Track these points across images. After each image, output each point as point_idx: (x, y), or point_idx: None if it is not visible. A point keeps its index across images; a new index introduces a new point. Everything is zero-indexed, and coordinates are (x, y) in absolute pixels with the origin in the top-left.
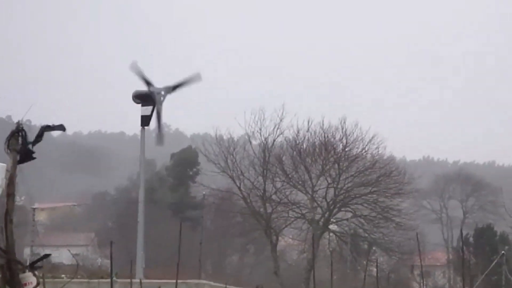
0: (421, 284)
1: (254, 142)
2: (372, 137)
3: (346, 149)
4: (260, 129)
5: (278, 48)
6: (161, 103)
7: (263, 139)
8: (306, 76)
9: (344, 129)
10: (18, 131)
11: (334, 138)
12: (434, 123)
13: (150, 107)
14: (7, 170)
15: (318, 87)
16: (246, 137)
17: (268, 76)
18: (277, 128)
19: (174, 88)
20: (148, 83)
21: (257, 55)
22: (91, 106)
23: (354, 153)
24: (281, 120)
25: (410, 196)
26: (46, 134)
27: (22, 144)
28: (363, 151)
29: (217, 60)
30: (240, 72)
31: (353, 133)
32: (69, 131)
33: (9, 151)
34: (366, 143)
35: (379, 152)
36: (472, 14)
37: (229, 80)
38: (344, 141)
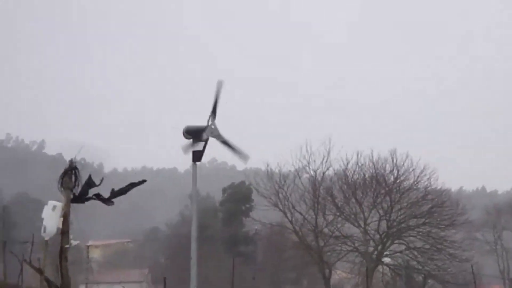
0: None
1: (303, 176)
2: (423, 168)
3: (398, 181)
4: (309, 163)
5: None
6: (219, 133)
7: (312, 172)
8: (353, 105)
9: (394, 161)
10: (72, 170)
11: (385, 170)
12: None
13: (202, 143)
14: (62, 209)
15: (364, 115)
16: (295, 172)
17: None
18: (326, 161)
19: (224, 143)
20: (214, 111)
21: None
22: (143, 143)
23: (406, 185)
24: (328, 154)
25: (464, 227)
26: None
27: (85, 185)
28: (415, 182)
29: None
30: (285, 107)
31: (403, 164)
32: (120, 167)
33: (62, 190)
34: (417, 174)
35: (431, 183)
36: None
37: (276, 115)
38: (395, 173)
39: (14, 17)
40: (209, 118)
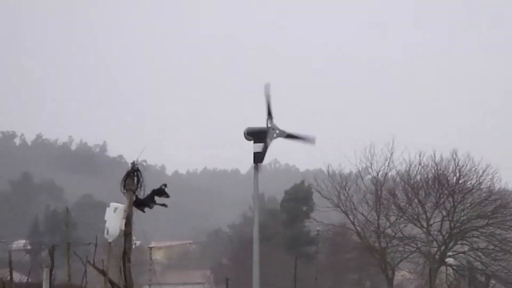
0: None
1: (366, 177)
2: (486, 168)
3: (460, 181)
4: (371, 164)
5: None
6: (271, 139)
7: (374, 173)
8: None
9: (456, 161)
10: (134, 171)
11: (448, 171)
12: None
13: (262, 144)
14: (124, 211)
15: (428, 117)
16: (358, 172)
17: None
18: (388, 162)
19: (288, 136)
20: (269, 113)
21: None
22: (204, 145)
23: (468, 185)
24: (391, 154)
25: None
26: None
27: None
28: (477, 182)
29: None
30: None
31: (466, 164)
32: (183, 170)
33: (125, 191)
34: (480, 174)
35: (494, 183)
36: None
37: (338, 115)
38: (458, 173)
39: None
40: (267, 120)
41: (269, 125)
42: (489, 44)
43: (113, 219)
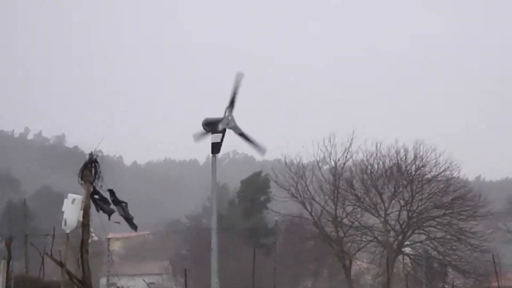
0: None
1: (324, 167)
2: (446, 160)
3: (419, 171)
4: (330, 154)
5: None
6: (236, 125)
7: (333, 163)
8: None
9: (418, 151)
10: (91, 162)
11: (407, 160)
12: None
13: (220, 135)
14: (82, 202)
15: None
16: (316, 163)
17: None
18: (347, 152)
19: (241, 135)
20: (232, 103)
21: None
22: (163, 135)
23: (428, 175)
24: (350, 145)
25: (485, 219)
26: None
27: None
28: (437, 173)
29: (287, 88)
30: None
31: (426, 155)
32: (142, 160)
33: (83, 183)
34: (439, 165)
35: (453, 174)
36: None
37: (300, 106)
38: (418, 163)
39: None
40: (226, 109)
41: (226, 114)
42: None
43: (71, 210)
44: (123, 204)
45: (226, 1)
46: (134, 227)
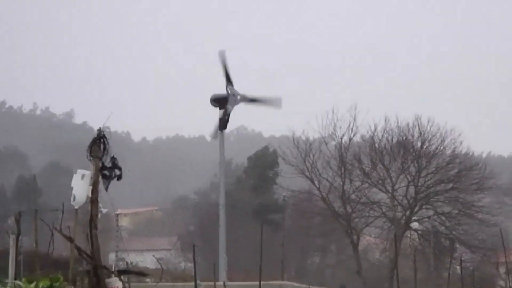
0: (507, 281)
1: (330, 143)
2: (450, 132)
3: (424, 146)
4: (334, 129)
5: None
6: (233, 105)
7: (338, 139)
8: (382, 74)
9: (420, 126)
10: (100, 138)
11: (412, 136)
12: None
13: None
14: (90, 177)
15: (395, 84)
16: (322, 139)
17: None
18: (352, 127)
19: (251, 101)
20: (228, 79)
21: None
22: (171, 111)
23: (433, 149)
24: (354, 119)
25: (492, 191)
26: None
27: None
28: (441, 146)
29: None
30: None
31: (430, 129)
32: (150, 137)
33: (91, 158)
34: (443, 138)
35: (458, 147)
36: None
37: (304, 82)
38: (422, 138)
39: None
40: (227, 87)
41: (229, 92)
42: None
43: (80, 186)
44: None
45: None
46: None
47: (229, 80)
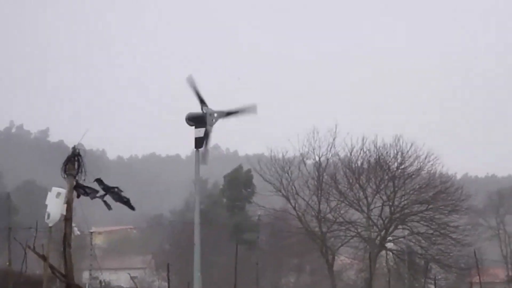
0: None
1: (308, 162)
2: (427, 154)
3: (401, 167)
4: (314, 149)
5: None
6: (211, 124)
7: (317, 158)
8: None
9: (398, 147)
10: (74, 156)
11: (389, 156)
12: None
13: (204, 129)
14: (65, 195)
15: (367, 107)
16: (300, 157)
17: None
18: (331, 147)
19: (228, 114)
20: (201, 101)
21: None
22: (146, 130)
23: (409, 171)
24: (334, 139)
25: (467, 212)
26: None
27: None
28: (418, 168)
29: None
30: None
31: (407, 151)
32: (125, 155)
33: (66, 176)
34: (421, 160)
35: (435, 169)
36: None
37: (282, 102)
38: (399, 158)
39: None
40: (202, 108)
41: (205, 112)
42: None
43: (54, 204)
44: (115, 189)
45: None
46: (132, 207)
47: (202, 102)
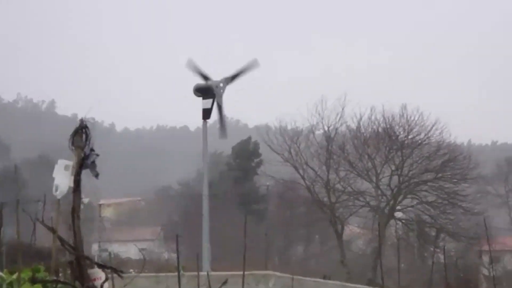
0: (490, 269)
1: (317, 132)
2: (435, 122)
3: (409, 136)
4: (323, 119)
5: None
6: (221, 95)
7: (326, 128)
8: (366, 62)
9: (405, 116)
10: (82, 128)
11: (397, 125)
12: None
13: (211, 100)
14: (72, 167)
15: (377, 72)
16: (309, 127)
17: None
18: (340, 117)
19: (233, 78)
20: (205, 78)
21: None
22: (154, 102)
23: (417, 139)
24: (343, 109)
25: (476, 181)
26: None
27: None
28: (426, 137)
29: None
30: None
31: (415, 119)
32: (132, 127)
33: (73, 148)
34: (428, 128)
35: (443, 137)
36: None
37: (290, 71)
38: (407, 127)
39: None
40: (225, 79)
41: (221, 85)
42: None
43: (62, 176)
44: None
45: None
46: (95, 174)
47: (206, 78)
